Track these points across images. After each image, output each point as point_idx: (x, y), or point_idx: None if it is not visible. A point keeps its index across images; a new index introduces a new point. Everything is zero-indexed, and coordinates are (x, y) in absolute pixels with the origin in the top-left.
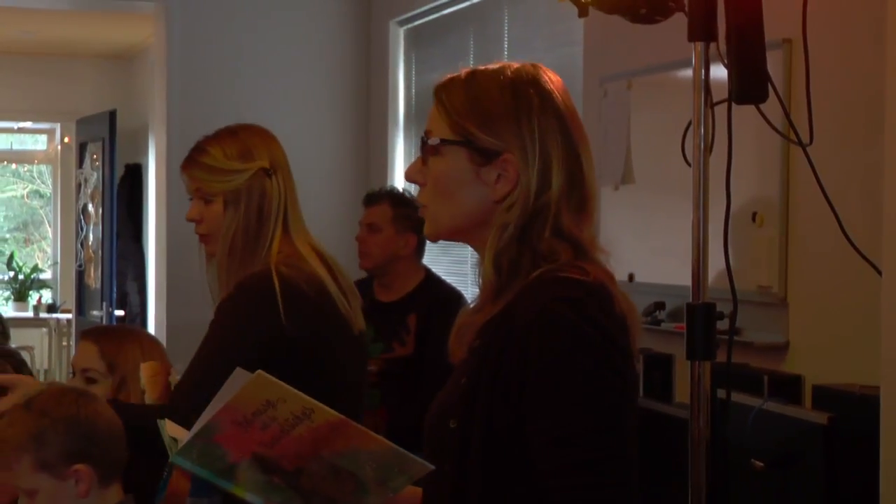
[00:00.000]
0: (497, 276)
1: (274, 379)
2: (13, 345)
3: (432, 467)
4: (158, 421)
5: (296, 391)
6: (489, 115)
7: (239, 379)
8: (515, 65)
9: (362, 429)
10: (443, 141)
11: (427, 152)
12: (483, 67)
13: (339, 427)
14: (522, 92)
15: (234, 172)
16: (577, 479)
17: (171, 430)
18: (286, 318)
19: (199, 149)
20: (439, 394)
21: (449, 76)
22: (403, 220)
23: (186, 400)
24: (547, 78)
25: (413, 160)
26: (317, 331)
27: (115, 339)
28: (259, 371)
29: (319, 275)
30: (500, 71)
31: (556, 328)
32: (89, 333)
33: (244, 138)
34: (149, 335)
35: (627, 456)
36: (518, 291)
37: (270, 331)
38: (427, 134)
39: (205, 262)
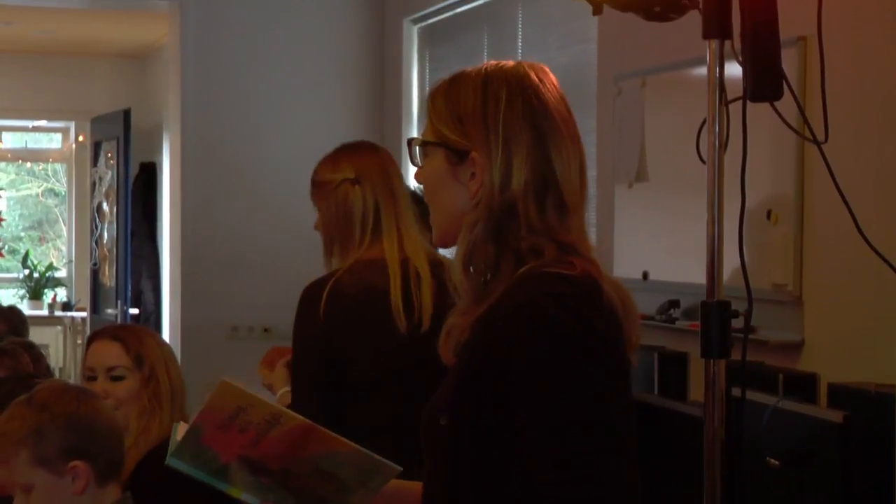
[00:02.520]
0: (467, 275)
1: (237, 386)
2: None
3: (400, 469)
4: (174, 424)
5: (260, 398)
6: (460, 115)
7: (211, 385)
8: (497, 63)
9: (328, 433)
10: (424, 143)
11: (418, 155)
12: (468, 69)
13: (308, 431)
14: (492, 90)
15: (324, 184)
16: (561, 474)
17: (182, 433)
18: (324, 315)
19: None
20: (434, 393)
21: (439, 80)
22: (421, 218)
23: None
24: (531, 77)
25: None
26: (352, 326)
27: (133, 332)
28: (223, 379)
29: (378, 283)
30: (479, 70)
31: (537, 323)
32: (103, 334)
33: (340, 153)
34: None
35: (615, 450)
36: (504, 290)
37: (316, 330)
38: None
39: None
